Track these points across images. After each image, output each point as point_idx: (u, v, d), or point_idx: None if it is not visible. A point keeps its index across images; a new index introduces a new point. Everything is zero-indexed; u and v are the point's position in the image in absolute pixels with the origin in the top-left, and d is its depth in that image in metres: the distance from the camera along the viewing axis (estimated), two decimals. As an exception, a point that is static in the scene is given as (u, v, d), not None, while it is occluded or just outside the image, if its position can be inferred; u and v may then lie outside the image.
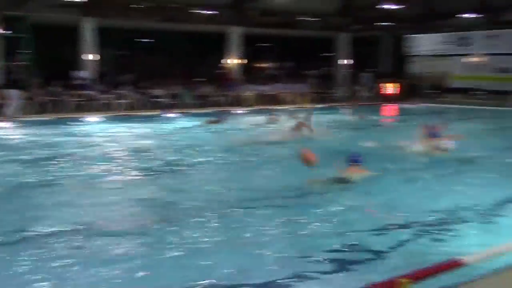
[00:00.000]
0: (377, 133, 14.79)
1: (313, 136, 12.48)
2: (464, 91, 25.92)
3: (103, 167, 9.65)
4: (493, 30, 25.11)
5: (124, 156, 10.93)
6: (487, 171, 9.35)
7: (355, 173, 8.18)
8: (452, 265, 4.12)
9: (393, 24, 31.27)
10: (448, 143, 10.39)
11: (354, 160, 8.35)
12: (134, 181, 8.63)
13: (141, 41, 29.98)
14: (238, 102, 23.56)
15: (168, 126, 16.49)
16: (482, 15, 29.83)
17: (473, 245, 5.40)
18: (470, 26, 28.57)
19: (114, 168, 9.64)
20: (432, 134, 10.99)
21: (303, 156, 8.28)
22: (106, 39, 22.86)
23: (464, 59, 25.25)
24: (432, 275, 3.94)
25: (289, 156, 10.53)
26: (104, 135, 14.46)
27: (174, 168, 9.74)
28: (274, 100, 24.71)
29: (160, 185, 8.25)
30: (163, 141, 13.19)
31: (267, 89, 25.62)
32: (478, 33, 25.90)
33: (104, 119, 18.20)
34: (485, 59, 24.41)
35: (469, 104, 23.96)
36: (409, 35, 27.98)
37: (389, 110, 23.76)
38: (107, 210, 6.82)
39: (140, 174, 9.21)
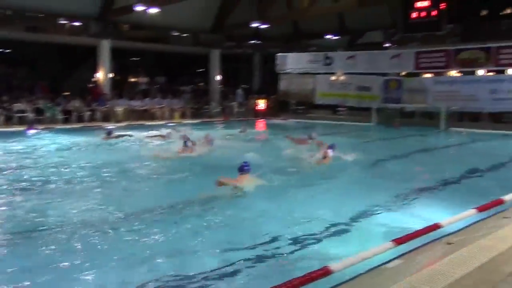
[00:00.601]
0: (258, 146, 15.17)
1: (197, 151, 12.46)
2: (330, 107, 27.59)
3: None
4: (351, 51, 27.15)
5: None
6: (357, 181, 9.93)
7: (245, 182, 8.29)
8: (322, 273, 4.33)
9: (263, 42, 32.56)
10: (329, 152, 11.09)
11: (243, 169, 8.48)
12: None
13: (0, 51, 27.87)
14: (107, 117, 22.80)
15: (32, 143, 15.38)
16: (342, 37, 32.35)
17: (339, 252, 5.66)
18: (332, 46, 30.69)
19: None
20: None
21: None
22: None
23: (329, 78, 26.80)
24: (305, 283, 4.11)
25: (173, 171, 10.45)
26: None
27: (41, 187, 9.06)
28: (146, 115, 24.32)
29: (24, 207, 7.63)
30: (25, 159, 12.16)
31: (138, 104, 25.14)
32: (339, 53, 27.82)
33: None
34: (347, 78, 26.09)
35: (335, 120, 25.59)
36: (278, 54, 29.19)
37: (262, 125, 24.44)
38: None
39: None
